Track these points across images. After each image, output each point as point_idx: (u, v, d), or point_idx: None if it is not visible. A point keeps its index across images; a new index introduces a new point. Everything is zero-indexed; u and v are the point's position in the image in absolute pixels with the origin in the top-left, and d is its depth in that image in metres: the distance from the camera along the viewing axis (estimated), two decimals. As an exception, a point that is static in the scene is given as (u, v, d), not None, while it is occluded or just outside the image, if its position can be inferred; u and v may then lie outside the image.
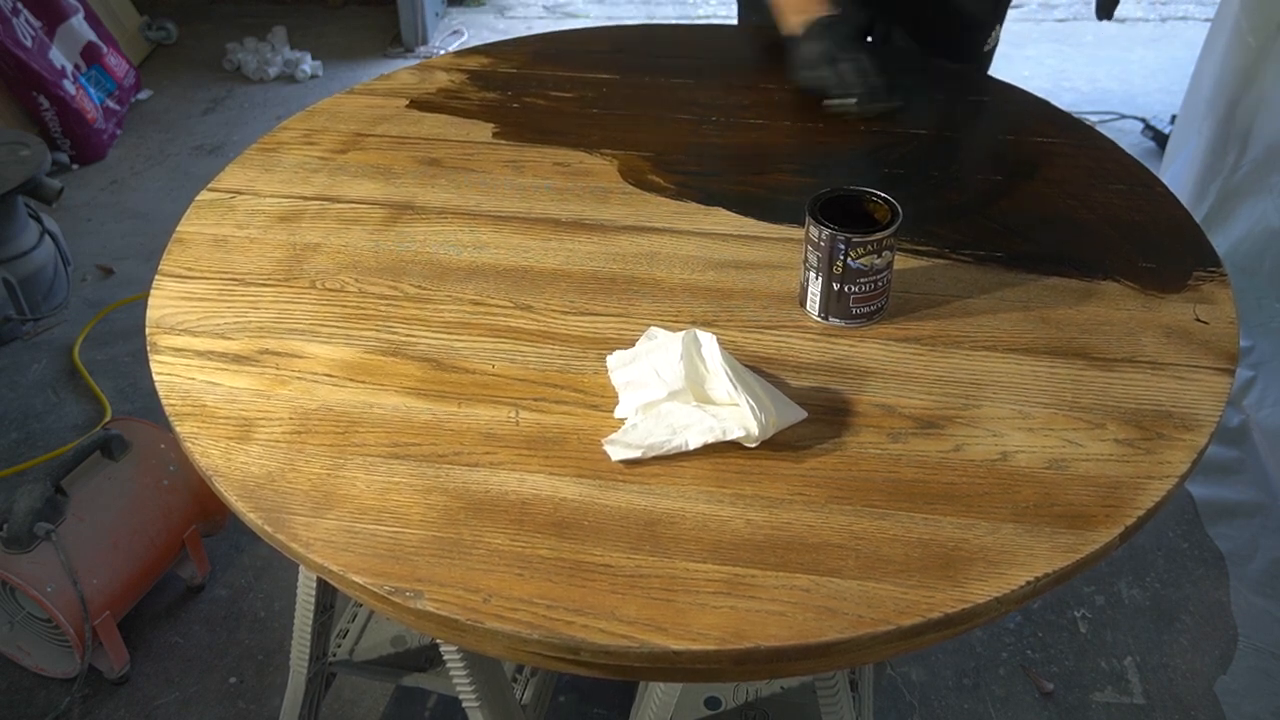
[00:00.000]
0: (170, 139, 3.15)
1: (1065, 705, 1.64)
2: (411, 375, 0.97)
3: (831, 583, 0.78)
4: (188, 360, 0.99)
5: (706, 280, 1.08)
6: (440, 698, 1.64)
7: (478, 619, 0.76)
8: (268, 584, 1.83)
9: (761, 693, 1.30)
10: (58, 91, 2.87)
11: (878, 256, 0.98)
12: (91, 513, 1.63)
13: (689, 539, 0.81)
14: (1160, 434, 0.90)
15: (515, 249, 1.13)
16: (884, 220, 1.00)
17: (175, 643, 1.74)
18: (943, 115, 1.38)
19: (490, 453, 0.89)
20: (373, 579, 0.79)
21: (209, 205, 1.21)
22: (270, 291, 1.07)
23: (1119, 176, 1.25)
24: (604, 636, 0.75)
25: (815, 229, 0.99)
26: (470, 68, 1.50)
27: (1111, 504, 0.84)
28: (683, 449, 0.87)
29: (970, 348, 1.00)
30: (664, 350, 0.93)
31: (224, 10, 3.90)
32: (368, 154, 1.30)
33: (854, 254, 0.98)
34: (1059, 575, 0.79)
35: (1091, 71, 3.37)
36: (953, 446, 0.89)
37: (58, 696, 1.65)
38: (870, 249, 0.98)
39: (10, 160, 2.26)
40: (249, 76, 3.47)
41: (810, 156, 1.30)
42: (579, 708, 1.62)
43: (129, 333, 2.38)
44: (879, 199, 1.02)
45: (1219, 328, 1.02)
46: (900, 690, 1.65)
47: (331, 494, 0.85)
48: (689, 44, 1.60)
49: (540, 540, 0.81)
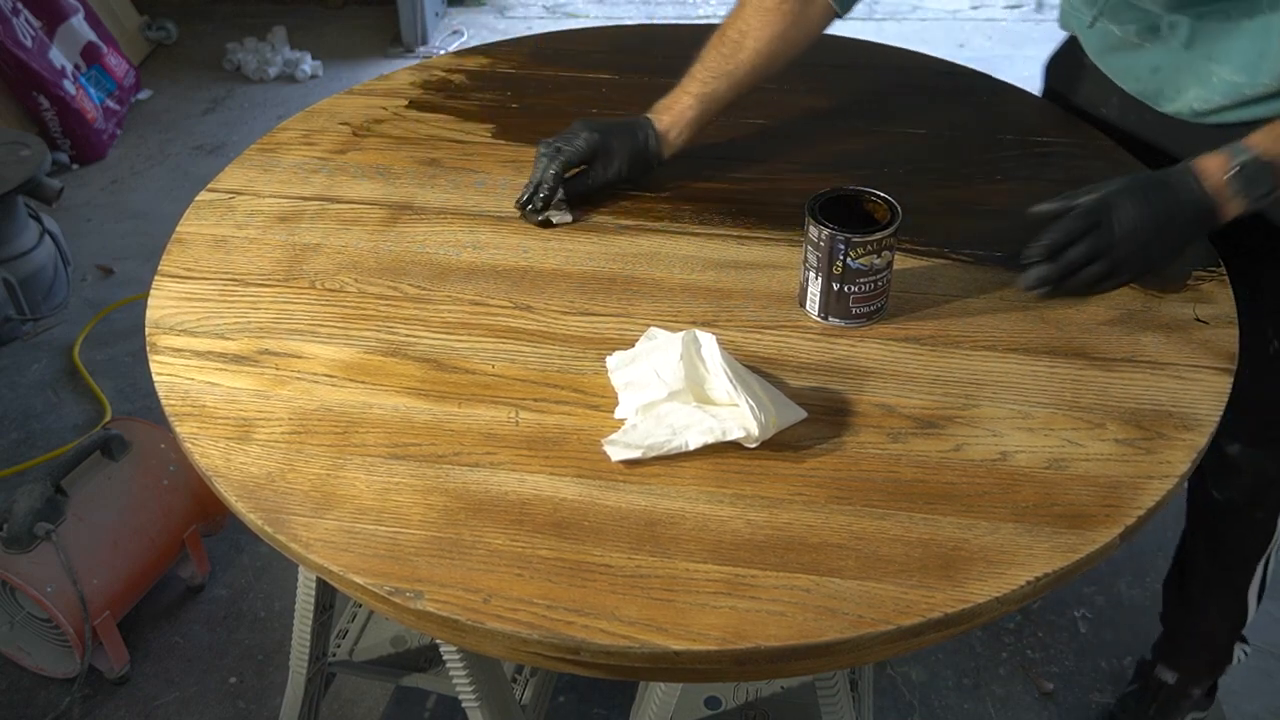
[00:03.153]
0: (170, 139, 3.15)
1: (1065, 705, 1.64)
2: (411, 375, 0.97)
3: (831, 583, 0.78)
4: (187, 360, 0.99)
5: (706, 280, 1.08)
6: (440, 698, 1.64)
7: (478, 619, 0.76)
8: (268, 584, 1.83)
9: (761, 693, 1.30)
10: (58, 91, 2.87)
11: (877, 256, 0.98)
12: (91, 513, 1.63)
13: (689, 539, 0.81)
14: (1160, 434, 0.90)
15: (515, 249, 1.13)
16: (884, 220, 1.00)
17: (175, 643, 1.74)
18: (943, 116, 1.38)
19: (490, 453, 0.89)
20: (373, 579, 0.79)
21: (209, 205, 1.21)
22: (270, 292, 1.07)
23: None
24: (604, 636, 0.75)
25: (815, 229, 0.99)
26: (470, 68, 1.50)
27: (1111, 504, 0.84)
28: (683, 449, 0.87)
29: (970, 348, 1.00)
30: (664, 350, 0.93)
31: (224, 10, 3.89)
32: (367, 154, 1.30)
33: (854, 254, 0.98)
34: (1059, 575, 0.79)
35: (1091, 71, 3.37)
36: (953, 446, 0.89)
37: (58, 696, 1.65)
38: (870, 249, 0.98)
39: (10, 160, 2.26)
40: (249, 76, 3.47)
41: (810, 156, 1.30)
42: (579, 708, 1.62)
43: (129, 333, 2.38)
44: (879, 199, 1.02)
45: (1219, 328, 1.02)
46: (900, 690, 1.65)
47: (331, 494, 0.85)
48: (689, 44, 1.59)
49: (540, 540, 0.81)
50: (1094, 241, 1.01)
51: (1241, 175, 0.99)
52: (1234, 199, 1.01)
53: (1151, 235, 1.01)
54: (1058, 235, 1.01)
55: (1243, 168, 0.99)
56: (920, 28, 3.86)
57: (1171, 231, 1.02)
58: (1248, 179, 1.00)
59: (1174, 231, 1.02)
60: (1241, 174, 0.99)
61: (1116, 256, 1.01)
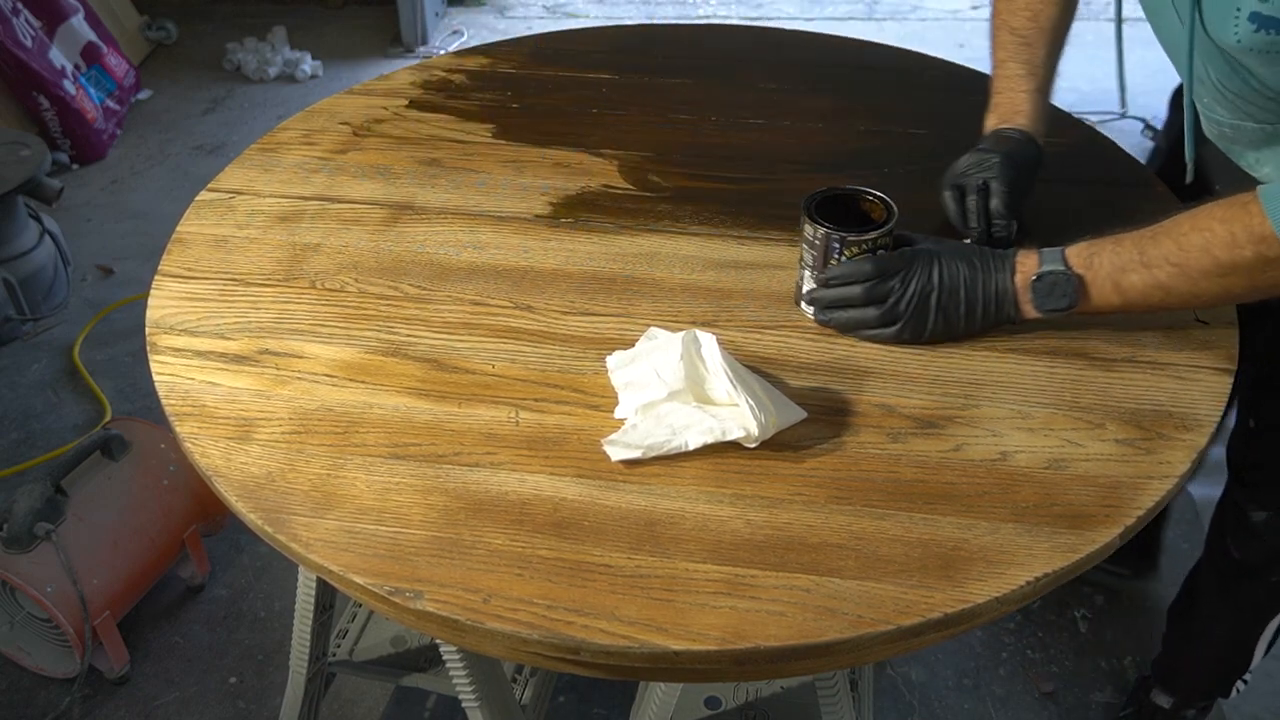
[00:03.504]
0: (170, 139, 3.15)
1: (1065, 705, 1.64)
2: (412, 375, 0.97)
3: (831, 583, 0.78)
4: (188, 360, 0.99)
5: (706, 280, 1.08)
6: (440, 698, 1.64)
7: (478, 619, 0.76)
8: (268, 584, 1.83)
9: (761, 693, 1.30)
10: (58, 91, 2.87)
11: (873, 255, 0.98)
12: (91, 513, 1.63)
13: (689, 539, 0.81)
14: (1160, 434, 0.90)
15: (515, 249, 1.13)
16: (880, 219, 1.00)
17: (175, 643, 1.74)
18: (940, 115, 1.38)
19: (490, 453, 0.89)
20: (373, 579, 0.79)
21: (209, 205, 1.21)
22: (270, 292, 1.07)
23: (1119, 177, 1.25)
24: (604, 636, 0.75)
25: (810, 227, 0.99)
26: (470, 68, 1.50)
27: (1111, 504, 0.84)
28: (683, 449, 0.87)
29: (970, 347, 1.00)
30: (664, 350, 0.93)
31: (224, 10, 3.89)
32: (368, 154, 1.30)
33: (849, 252, 0.98)
34: (1059, 575, 0.79)
35: (1091, 71, 3.37)
36: (952, 446, 0.89)
37: (58, 696, 1.65)
38: (865, 247, 0.98)
39: (10, 160, 2.26)
40: (249, 76, 3.47)
41: (810, 156, 1.30)
42: (579, 708, 1.62)
43: (129, 333, 2.38)
44: (875, 198, 1.02)
45: (1219, 328, 1.02)
46: (900, 690, 1.65)
47: (331, 494, 0.85)
48: (689, 44, 1.60)
49: (540, 540, 0.81)
50: (877, 288, 0.97)
51: (1040, 285, 0.95)
52: (1030, 304, 0.97)
53: (948, 304, 0.97)
54: (847, 269, 0.98)
55: (1041, 278, 0.95)
56: (920, 28, 3.86)
57: (974, 310, 0.97)
58: (1046, 290, 0.95)
59: (976, 311, 0.98)
60: (1040, 284, 0.95)
61: (899, 311, 0.97)
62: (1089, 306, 0.95)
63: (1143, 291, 0.93)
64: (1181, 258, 0.90)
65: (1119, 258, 0.93)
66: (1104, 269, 0.94)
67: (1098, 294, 0.95)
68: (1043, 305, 0.96)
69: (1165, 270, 0.91)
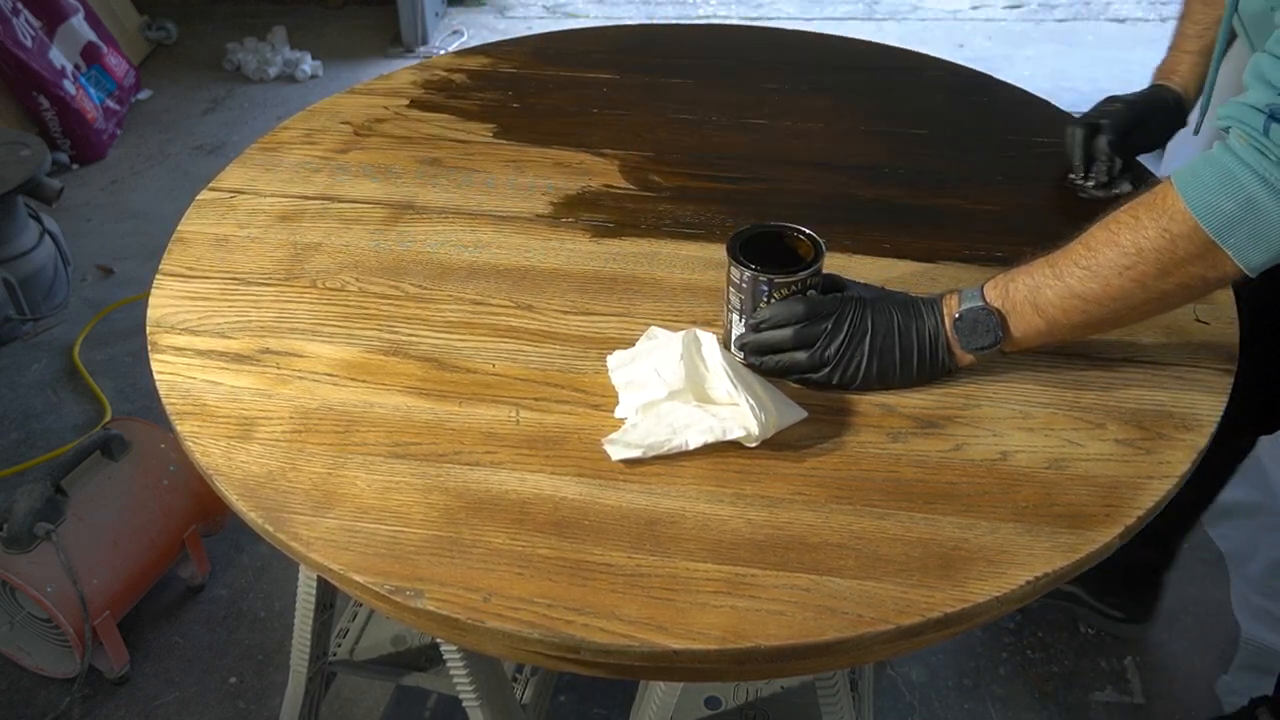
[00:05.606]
0: (170, 139, 3.16)
1: (1065, 705, 1.64)
2: (412, 375, 0.97)
3: (831, 582, 0.78)
4: (188, 359, 0.99)
5: (707, 280, 1.08)
6: (440, 697, 1.64)
7: (478, 618, 0.76)
8: (268, 584, 1.83)
9: (761, 693, 1.30)
10: (58, 91, 2.87)
11: (803, 296, 0.94)
12: (91, 513, 1.63)
13: (689, 538, 0.81)
14: (1160, 434, 0.90)
15: (516, 249, 1.13)
16: (808, 256, 0.95)
17: (175, 643, 1.74)
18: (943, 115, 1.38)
19: (491, 452, 0.89)
20: (373, 578, 0.79)
21: (210, 205, 1.21)
22: (271, 291, 1.07)
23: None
24: (604, 636, 0.75)
25: (737, 270, 0.93)
26: (470, 68, 1.50)
27: (1111, 504, 0.84)
28: (683, 449, 0.87)
29: (970, 347, 0.99)
30: (664, 350, 0.93)
31: (224, 10, 3.90)
32: (368, 154, 1.30)
33: (779, 294, 0.93)
34: (1059, 575, 0.79)
35: (1091, 71, 3.37)
36: (953, 446, 0.89)
37: (58, 696, 1.65)
38: (795, 288, 0.93)
39: (10, 160, 2.26)
40: (249, 76, 3.47)
41: (810, 156, 1.30)
42: (579, 708, 1.62)
43: (129, 333, 2.38)
44: (802, 235, 0.96)
45: (1219, 328, 1.02)
46: (900, 690, 1.65)
47: (332, 493, 0.85)
48: (689, 44, 1.60)
49: (540, 539, 0.81)
50: (807, 329, 0.93)
51: (962, 324, 0.92)
52: (958, 344, 0.93)
53: (883, 350, 0.93)
54: (778, 310, 0.94)
55: (962, 317, 0.92)
56: (920, 28, 3.86)
57: (909, 359, 0.93)
58: (969, 329, 0.92)
59: (911, 360, 0.94)
60: (962, 323, 0.92)
61: (828, 355, 0.93)
62: (1018, 336, 0.91)
63: (1059, 305, 0.88)
64: (1089, 258, 0.87)
65: (1032, 278, 0.90)
66: (1020, 294, 0.90)
67: (1020, 321, 0.90)
68: (968, 345, 0.92)
69: (1075, 275, 0.87)
